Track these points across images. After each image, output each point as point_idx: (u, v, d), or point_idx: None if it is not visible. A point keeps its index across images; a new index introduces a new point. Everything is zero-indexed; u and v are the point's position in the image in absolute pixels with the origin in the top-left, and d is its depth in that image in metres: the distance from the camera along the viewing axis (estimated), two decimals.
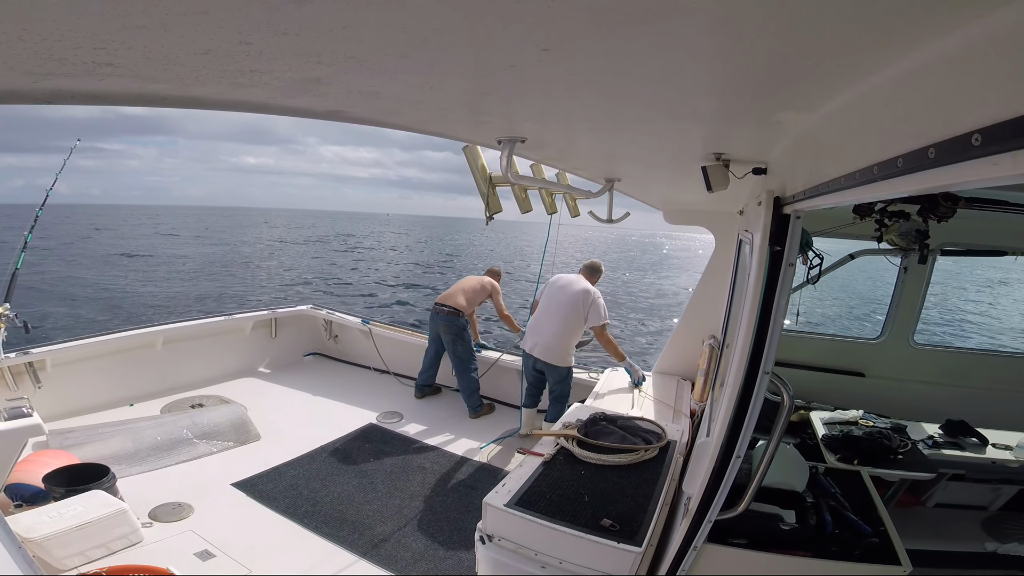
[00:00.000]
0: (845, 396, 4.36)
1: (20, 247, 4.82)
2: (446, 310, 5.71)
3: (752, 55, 1.10)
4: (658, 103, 1.57)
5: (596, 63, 1.19)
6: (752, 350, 1.94)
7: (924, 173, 0.87)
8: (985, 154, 0.71)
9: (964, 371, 4.49)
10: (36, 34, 0.88)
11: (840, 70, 1.15)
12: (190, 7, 0.83)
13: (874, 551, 2.41)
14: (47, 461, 3.70)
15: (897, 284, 4.49)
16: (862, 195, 1.20)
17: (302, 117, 1.70)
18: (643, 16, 0.89)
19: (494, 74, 1.30)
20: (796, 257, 1.90)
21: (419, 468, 4.62)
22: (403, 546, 3.56)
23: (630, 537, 2.39)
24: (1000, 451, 3.52)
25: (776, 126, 1.77)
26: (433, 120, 1.96)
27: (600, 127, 2.05)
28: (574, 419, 3.48)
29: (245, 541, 3.46)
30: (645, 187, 4.15)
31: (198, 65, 1.13)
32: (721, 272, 4.41)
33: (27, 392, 4.72)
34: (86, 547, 3.09)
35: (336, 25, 0.94)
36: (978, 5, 0.75)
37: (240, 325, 6.65)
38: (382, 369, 6.88)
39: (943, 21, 0.83)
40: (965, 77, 0.84)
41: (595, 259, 5.42)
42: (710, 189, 2.38)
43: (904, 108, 1.04)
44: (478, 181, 3.07)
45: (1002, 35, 0.73)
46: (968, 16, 0.78)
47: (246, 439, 4.89)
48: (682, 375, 5.12)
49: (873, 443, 3.41)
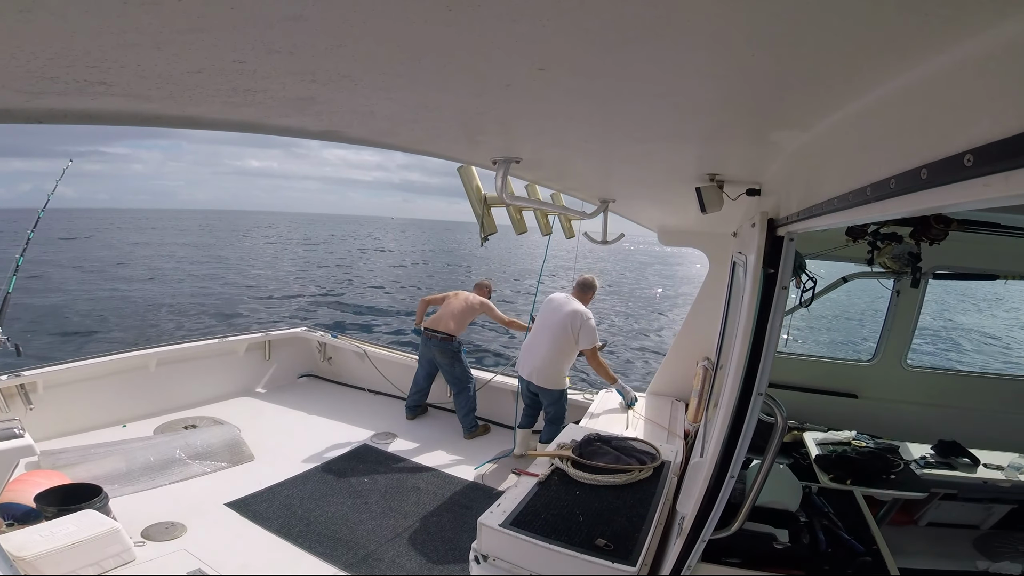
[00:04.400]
0: (838, 417, 4.38)
1: (12, 270, 4.75)
2: (439, 336, 5.70)
3: (747, 73, 1.10)
4: (653, 122, 1.58)
5: (591, 82, 1.19)
6: (746, 371, 1.95)
7: (917, 194, 0.87)
8: (977, 175, 0.70)
9: (956, 392, 4.53)
10: (29, 52, 0.88)
11: (834, 88, 1.15)
12: (184, 25, 0.83)
13: (867, 569, 2.43)
14: (39, 481, 3.67)
15: (890, 307, 4.54)
16: (856, 216, 1.20)
17: (297, 136, 1.70)
18: (638, 36, 0.89)
19: (489, 93, 1.30)
20: (789, 280, 1.92)
21: (413, 488, 4.59)
22: (398, 566, 3.53)
23: (625, 556, 2.39)
24: (992, 471, 3.56)
25: (770, 146, 1.78)
26: (428, 140, 1.96)
27: (595, 147, 2.06)
28: (568, 439, 3.49)
29: (238, 560, 3.43)
30: (639, 208, 4.19)
31: (192, 84, 1.12)
32: (715, 294, 4.44)
33: (18, 413, 4.66)
34: (78, 566, 3.05)
35: (331, 44, 0.93)
36: (970, 24, 0.75)
37: (234, 347, 6.64)
38: (376, 390, 6.87)
39: (935, 40, 0.82)
40: (957, 96, 0.85)
41: (588, 275, 5.21)
42: (704, 210, 2.40)
43: (897, 127, 1.05)
44: (473, 202, 3.10)
45: (994, 54, 0.74)
46: (960, 35, 0.78)
47: (239, 459, 4.85)
48: (676, 396, 5.14)
49: (866, 463, 3.44)
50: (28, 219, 5.02)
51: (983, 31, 0.75)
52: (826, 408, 4.55)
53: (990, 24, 0.73)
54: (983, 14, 0.72)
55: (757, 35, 0.90)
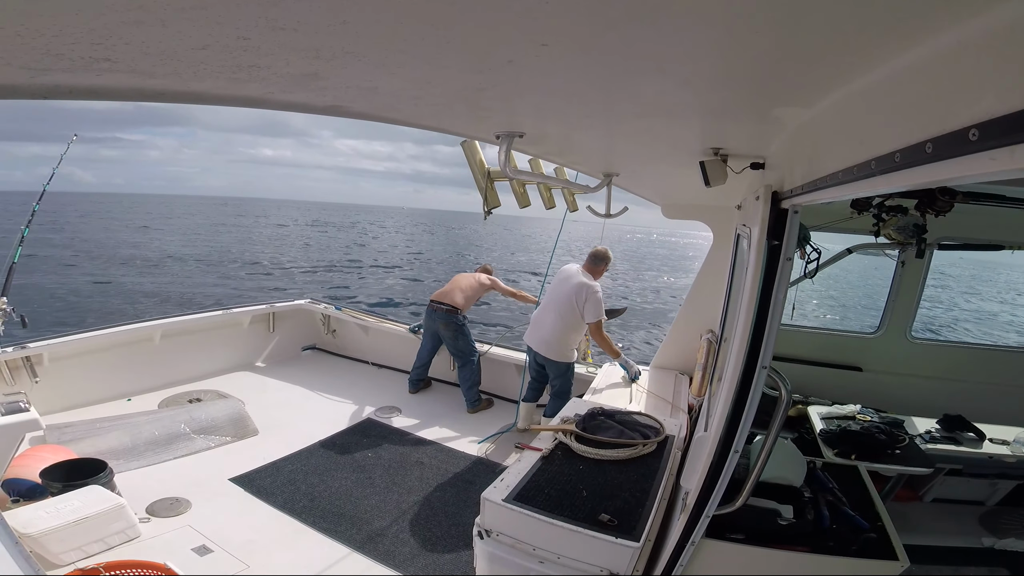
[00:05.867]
0: (843, 391, 4.37)
1: (17, 241, 4.78)
2: (444, 308, 5.70)
3: (750, 50, 1.10)
4: (656, 98, 1.57)
5: (594, 58, 1.19)
6: (750, 344, 1.94)
7: (922, 168, 0.88)
8: (982, 149, 0.71)
9: (962, 366, 4.49)
10: (33, 29, 0.88)
11: (838, 65, 1.15)
12: (188, 2, 0.83)
13: (871, 546, 2.42)
14: (44, 456, 3.69)
15: (895, 278, 4.49)
16: (860, 190, 1.20)
17: (301, 112, 1.70)
18: (641, 11, 0.89)
19: (492, 69, 1.30)
20: (794, 251, 1.90)
21: (417, 463, 4.62)
22: (401, 541, 3.56)
23: (628, 532, 2.39)
24: (997, 446, 3.54)
25: (774, 121, 1.77)
26: (431, 115, 1.95)
27: (598, 122, 2.04)
28: (572, 414, 3.48)
29: (243, 536, 3.46)
30: (643, 182, 4.14)
31: (196, 60, 1.12)
32: (719, 267, 4.40)
33: (24, 387, 4.69)
34: (84, 542, 3.08)
35: (334, 20, 0.93)
36: (975, 2, 0.75)
37: (238, 319, 6.64)
38: (380, 364, 6.88)
39: (940, 16, 0.83)
40: (962, 72, 0.84)
41: (601, 247, 5.08)
42: (708, 184, 2.38)
43: (901, 103, 1.04)
44: (476, 176, 3.06)
45: (999, 31, 0.73)
46: (965, 12, 0.78)
47: (244, 434, 4.88)
48: (680, 370, 5.13)
49: (871, 438, 3.42)
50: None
51: (988, 9, 0.75)
52: (830, 381, 4.53)
53: (995, 2, 0.73)
54: None
55: (760, 12, 0.89)
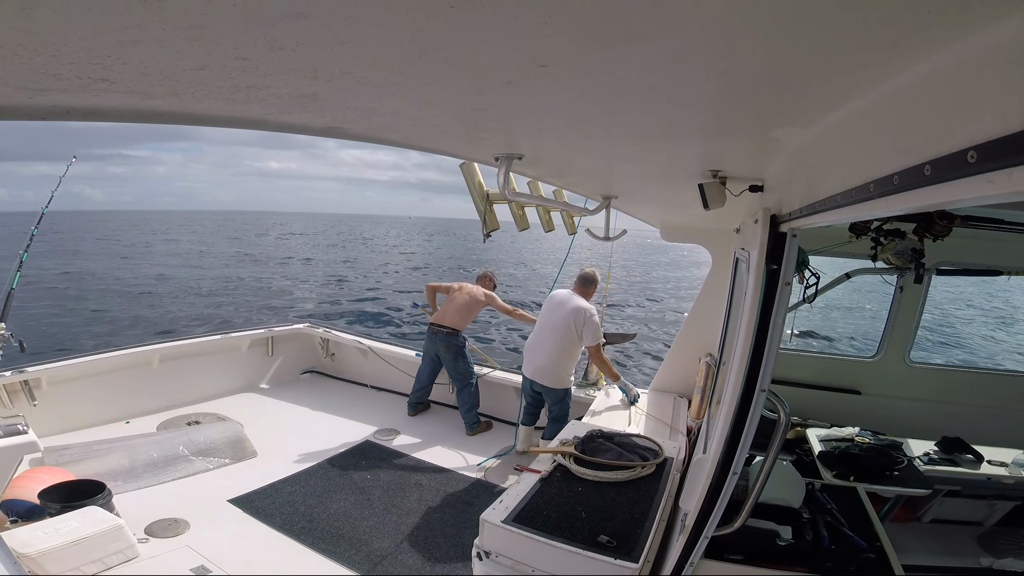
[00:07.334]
0: (841, 413, 4.37)
1: (16, 266, 4.77)
2: (444, 330, 5.72)
3: (748, 71, 1.10)
4: (655, 119, 1.57)
5: (593, 79, 1.19)
6: (749, 368, 1.95)
7: (920, 191, 0.87)
8: (980, 171, 0.70)
9: (960, 389, 4.51)
10: (32, 49, 0.88)
11: (836, 86, 1.15)
12: (186, 22, 0.83)
13: (870, 566, 2.43)
14: (43, 477, 3.69)
15: (893, 303, 4.52)
16: (859, 212, 1.20)
17: (299, 133, 1.70)
18: (640, 32, 0.89)
19: (491, 90, 1.29)
20: (792, 275, 1.91)
21: (416, 484, 4.60)
22: (400, 562, 3.54)
23: (627, 553, 2.39)
24: (995, 467, 3.55)
25: (773, 142, 1.77)
26: (430, 136, 1.95)
27: (597, 143, 2.05)
28: (571, 436, 3.49)
29: (241, 557, 3.44)
30: (642, 205, 4.18)
31: (194, 81, 1.12)
32: (718, 290, 4.42)
33: (22, 409, 4.68)
34: (82, 562, 3.06)
35: (333, 40, 0.93)
36: (972, 21, 0.75)
37: (237, 343, 6.65)
38: (379, 387, 6.88)
39: (937, 37, 0.82)
40: (960, 93, 0.84)
41: (589, 268, 5.12)
42: (707, 207, 2.38)
43: (900, 124, 1.04)
44: (475, 198, 3.10)
45: (996, 51, 0.74)
46: (962, 32, 0.78)
47: (242, 456, 4.87)
48: (679, 392, 5.13)
49: (869, 459, 3.42)
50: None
51: (986, 28, 0.74)
52: (829, 404, 4.53)
53: (993, 21, 0.72)
54: (986, 11, 0.72)
55: (758, 33, 0.89)
